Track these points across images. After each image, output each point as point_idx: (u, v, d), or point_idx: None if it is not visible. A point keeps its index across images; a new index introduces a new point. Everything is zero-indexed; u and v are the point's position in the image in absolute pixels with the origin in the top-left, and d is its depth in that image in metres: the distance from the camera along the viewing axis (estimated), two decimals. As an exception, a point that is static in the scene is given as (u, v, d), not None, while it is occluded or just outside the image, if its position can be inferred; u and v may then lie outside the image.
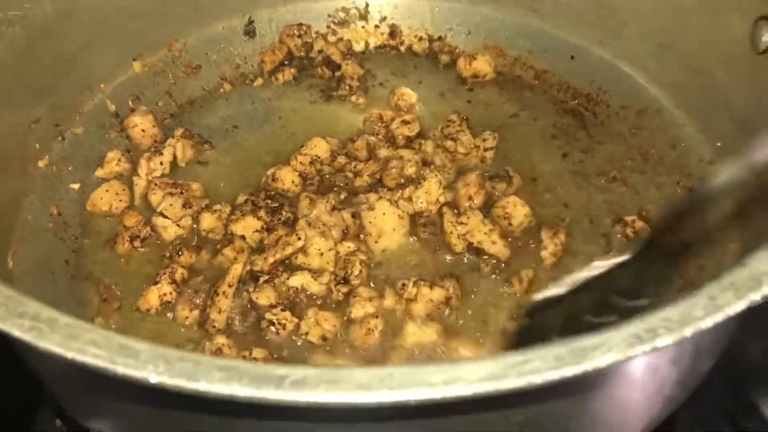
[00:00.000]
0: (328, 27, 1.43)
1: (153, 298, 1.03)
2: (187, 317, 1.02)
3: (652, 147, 1.23)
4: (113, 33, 1.23)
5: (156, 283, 1.04)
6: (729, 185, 0.80)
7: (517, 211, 1.12)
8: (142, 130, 1.23)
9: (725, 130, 1.13)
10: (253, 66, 1.40)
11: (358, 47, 1.44)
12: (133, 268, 1.09)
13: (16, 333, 0.55)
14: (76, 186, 1.17)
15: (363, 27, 1.44)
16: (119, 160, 1.20)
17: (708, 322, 0.54)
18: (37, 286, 1.03)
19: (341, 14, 1.44)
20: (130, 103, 1.28)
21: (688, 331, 0.53)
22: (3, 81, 1.05)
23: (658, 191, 1.18)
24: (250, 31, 1.40)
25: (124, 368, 0.52)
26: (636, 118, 1.26)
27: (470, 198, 1.13)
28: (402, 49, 1.44)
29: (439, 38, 1.43)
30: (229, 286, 1.03)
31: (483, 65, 1.37)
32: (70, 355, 0.54)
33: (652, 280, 0.87)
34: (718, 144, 1.14)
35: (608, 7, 1.29)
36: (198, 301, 1.03)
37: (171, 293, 1.04)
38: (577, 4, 1.31)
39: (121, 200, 1.16)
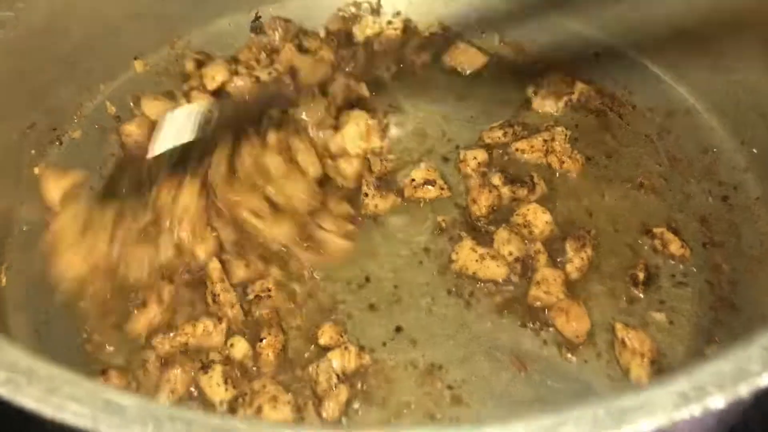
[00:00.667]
0: (338, 22, 1.37)
1: (142, 322, 0.96)
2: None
3: (681, 152, 1.16)
4: (112, 31, 1.18)
5: (144, 305, 0.97)
6: None
7: (538, 218, 1.06)
8: (135, 141, 1.14)
9: (762, 135, 1.06)
10: (260, 64, 1.34)
11: (371, 43, 1.38)
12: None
13: (-9, 386, 0.50)
14: (74, 194, 1.11)
15: (375, 22, 1.37)
16: None
17: (766, 379, 0.47)
18: (31, 302, 0.98)
19: (352, 9, 1.37)
20: (131, 104, 1.21)
21: (743, 389, 0.47)
22: (-5, 84, 1.01)
23: (687, 200, 1.11)
24: (256, 27, 1.34)
25: (107, 429, 0.47)
26: (664, 121, 1.20)
27: (474, 201, 1.08)
28: (416, 45, 1.38)
29: (455, 34, 1.36)
30: (221, 281, 0.98)
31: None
32: (48, 412, 0.48)
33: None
34: (754, 151, 1.08)
35: (634, 2, 1.22)
36: (197, 313, 0.97)
37: (161, 314, 0.96)
38: (601, -2, 1.25)
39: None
